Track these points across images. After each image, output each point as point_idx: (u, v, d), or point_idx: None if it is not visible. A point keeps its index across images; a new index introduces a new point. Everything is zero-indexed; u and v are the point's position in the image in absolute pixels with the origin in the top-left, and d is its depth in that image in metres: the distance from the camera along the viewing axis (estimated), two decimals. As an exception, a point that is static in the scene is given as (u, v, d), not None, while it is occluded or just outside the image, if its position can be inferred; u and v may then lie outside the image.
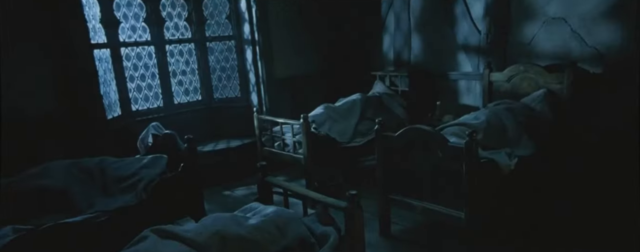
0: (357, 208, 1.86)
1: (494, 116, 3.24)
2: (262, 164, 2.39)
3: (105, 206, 2.63)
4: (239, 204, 4.00)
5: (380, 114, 4.43)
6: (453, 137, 2.96)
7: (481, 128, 3.12)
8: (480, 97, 4.30)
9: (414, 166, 2.86)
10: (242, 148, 4.55)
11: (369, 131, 4.29)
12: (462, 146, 2.52)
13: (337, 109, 4.32)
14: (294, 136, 3.86)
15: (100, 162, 2.91)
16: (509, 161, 2.83)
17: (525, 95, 3.71)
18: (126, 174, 2.88)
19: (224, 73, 4.93)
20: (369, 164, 4.86)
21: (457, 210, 2.65)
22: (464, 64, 4.42)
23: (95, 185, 2.79)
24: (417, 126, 2.85)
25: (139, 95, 4.37)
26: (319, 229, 1.92)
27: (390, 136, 2.96)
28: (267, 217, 1.90)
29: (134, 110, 4.29)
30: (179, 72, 4.68)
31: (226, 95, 4.97)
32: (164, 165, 2.95)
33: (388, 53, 5.11)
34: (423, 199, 2.86)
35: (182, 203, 2.96)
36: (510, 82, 3.88)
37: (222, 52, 4.88)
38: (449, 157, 2.63)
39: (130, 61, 4.24)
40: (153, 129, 3.36)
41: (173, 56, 4.61)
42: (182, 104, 4.70)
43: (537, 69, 3.65)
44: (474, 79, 4.34)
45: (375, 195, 3.12)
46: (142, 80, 4.38)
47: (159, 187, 2.77)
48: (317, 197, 2.03)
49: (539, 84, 3.64)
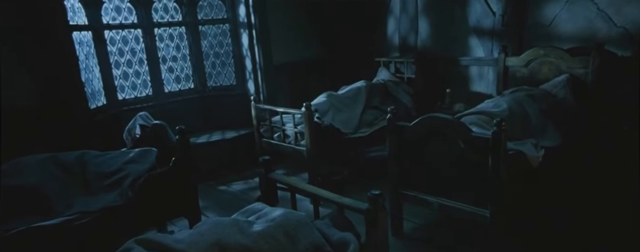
0: (382, 211, 1.57)
1: (516, 104, 2.97)
2: (265, 159, 2.09)
3: (86, 207, 2.32)
4: (237, 200, 3.80)
5: (386, 102, 4.18)
6: (473, 127, 2.68)
7: (503, 117, 2.84)
8: (493, 84, 4.03)
9: (431, 159, 2.60)
10: (238, 140, 4.28)
11: (375, 121, 4.03)
12: (489, 136, 2.25)
13: (340, 98, 4.03)
14: (295, 126, 3.56)
15: (81, 156, 2.59)
16: (536, 153, 2.56)
17: (544, 82, 3.44)
18: (110, 170, 2.57)
19: (218, 59, 4.60)
20: (374, 155, 4.63)
21: (481, 208, 2.39)
22: (476, 49, 4.13)
23: (75, 183, 2.48)
24: (436, 115, 2.58)
25: (125, 83, 4.04)
26: (335, 236, 1.63)
27: (405, 125, 2.68)
28: (274, 222, 1.61)
29: (120, 99, 3.97)
30: (169, 58, 4.34)
31: (220, 83, 4.65)
32: (153, 159, 2.65)
33: (393, 38, 4.81)
34: (441, 195, 2.59)
35: (175, 202, 2.66)
36: (528, 67, 3.60)
37: (215, 37, 4.54)
38: (473, 149, 2.36)
39: (115, 46, 3.89)
40: (141, 120, 3.06)
41: (162, 41, 4.27)
42: (173, 93, 4.39)
43: (559, 53, 3.37)
44: (486, 64, 4.06)
45: (384, 190, 2.82)
46: (128, 67, 4.04)
47: (148, 184, 2.47)
48: (332, 197, 1.74)
49: (560, 69, 3.37)
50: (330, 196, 1.76)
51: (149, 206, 2.51)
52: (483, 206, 2.38)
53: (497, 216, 2.32)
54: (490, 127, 2.84)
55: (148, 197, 2.48)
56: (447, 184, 2.54)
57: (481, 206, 2.39)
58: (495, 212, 2.32)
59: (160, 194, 2.55)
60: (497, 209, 2.32)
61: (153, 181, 2.49)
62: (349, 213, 1.75)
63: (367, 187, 3.52)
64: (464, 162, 2.44)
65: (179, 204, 2.69)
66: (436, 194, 2.62)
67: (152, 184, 2.48)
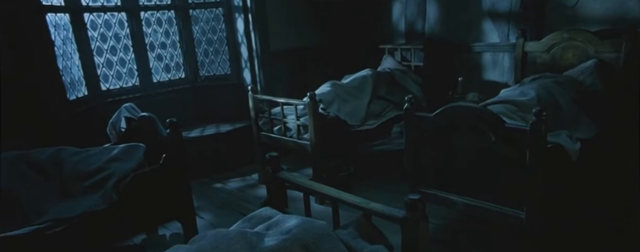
0: (423, 219, 1.28)
1: (545, 91, 2.69)
2: (272, 155, 1.78)
3: (63, 212, 2.00)
4: (234, 198, 3.51)
5: (393, 92, 3.89)
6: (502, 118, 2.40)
7: (532, 105, 2.57)
8: (509, 72, 3.76)
9: (455, 154, 2.32)
10: (233, 133, 3.98)
11: (383, 112, 3.74)
12: (526, 128, 1.97)
13: (345, 87, 3.72)
14: (298, 118, 3.25)
15: (57, 154, 2.26)
16: (573, 145, 2.29)
17: (568, 68, 3.18)
18: (91, 169, 2.25)
19: (211, 46, 4.25)
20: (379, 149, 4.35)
21: (515, 208, 2.11)
22: (490, 34, 3.85)
23: (50, 185, 2.15)
24: (462, 104, 2.32)
25: (109, 71, 3.68)
26: (364, 249, 1.34)
27: (425, 116, 2.39)
28: (290, 234, 1.31)
29: (103, 90, 3.62)
30: (157, 45, 3.98)
31: (214, 73, 4.31)
32: (140, 156, 2.33)
33: (398, 23, 4.50)
34: (466, 194, 2.32)
35: (166, 204, 2.34)
36: (550, 52, 3.33)
37: (208, 22, 4.18)
38: (506, 142, 2.08)
39: (96, 30, 3.52)
40: (126, 112, 2.72)
41: (150, 26, 3.91)
42: (163, 83, 4.04)
43: (586, 36, 3.09)
44: (502, 50, 3.78)
45: (396, 186, 2.56)
46: (112, 54, 3.68)
47: (135, 184, 2.15)
48: (358, 202, 1.45)
49: (588, 54, 3.10)
50: (356, 201, 1.46)
51: (137, 210, 2.19)
52: (517, 206, 2.11)
53: (534, 217, 2.05)
54: (518, 117, 2.59)
55: (135, 199, 2.17)
56: (474, 181, 2.27)
57: (515, 206, 2.12)
58: (533, 213, 2.05)
59: (149, 195, 2.24)
60: (534, 210, 2.05)
61: (141, 180, 2.18)
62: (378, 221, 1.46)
63: (374, 183, 3.21)
64: (494, 157, 2.16)
65: (170, 207, 2.38)
66: (461, 192, 2.34)
67: (140, 185, 2.18)
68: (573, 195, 2.45)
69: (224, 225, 3.04)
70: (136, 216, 2.22)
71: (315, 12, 4.58)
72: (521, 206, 2.09)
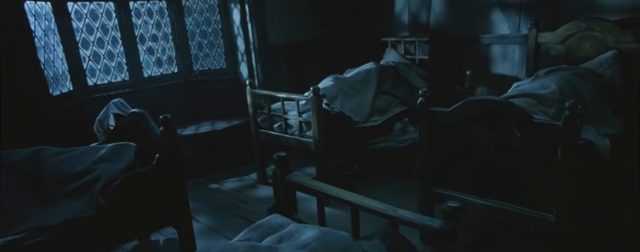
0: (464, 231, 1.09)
1: (567, 84, 2.52)
2: (281, 155, 1.57)
3: (43, 220, 1.78)
4: (231, 200, 3.29)
5: (397, 87, 3.72)
6: (523, 112, 2.23)
7: (554, 99, 2.41)
8: (519, 65, 3.59)
9: (473, 151, 2.14)
10: (230, 131, 3.78)
11: (388, 108, 3.56)
12: (559, 123, 1.79)
13: (349, 81, 3.53)
14: (300, 114, 3.05)
15: (36, 154, 2.03)
16: (603, 142, 2.12)
17: (585, 60, 3.01)
18: (75, 171, 2.03)
19: (206, 39, 4.02)
20: (382, 147, 4.18)
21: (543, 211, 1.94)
22: (500, 25, 3.68)
23: (29, 189, 1.93)
24: (483, 97, 2.13)
25: (96, 65, 3.45)
26: (395, 265, 1.14)
27: (442, 111, 2.20)
28: (309, 248, 1.11)
29: (90, 85, 3.40)
30: (148, 37, 3.75)
31: (208, 67, 4.09)
32: (131, 156, 2.13)
33: (401, 15, 4.32)
34: (486, 195, 2.14)
35: (159, 209, 2.13)
36: (565, 43, 3.16)
37: (202, 13, 3.95)
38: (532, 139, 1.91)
39: (82, 21, 3.28)
40: (115, 108, 2.51)
41: (140, 17, 3.67)
42: (154, 78, 3.82)
43: (605, 25, 2.93)
44: (512, 42, 3.61)
45: (400, 185, 2.37)
46: (100, 47, 3.44)
47: (125, 188, 1.94)
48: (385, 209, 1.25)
49: (607, 44, 2.93)
50: (382, 207, 1.27)
51: (127, 216, 1.98)
52: (545, 208, 1.94)
53: (565, 221, 1.88)
54: (539, 112, 2.42)
55: (125, 204, 1.96)
56: (495, 181, 2.09)
57: (542, 208, 1.95)
58: (564, 216, 1.88)
59: (141, 200, 2.03)
60: (566, 213, 1.87)
61: (131, 183, 1.97)
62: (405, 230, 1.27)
63: (377, 182, 3.00)
64: (518, 154, 1.98)
65: (165, 212, 2.17)
66: (480, 193, 2.16)
67: (131, 188, 1.97)
68: (604, 195, 2.28)
69: (222, 229, 2.87)
70: (126, 223, 2.01)
71: (315, 3, 4.37)
72: (550, 209, 1.92)
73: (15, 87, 2.50)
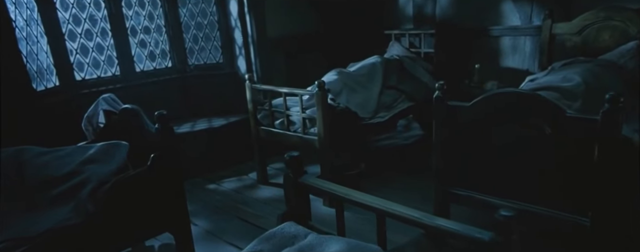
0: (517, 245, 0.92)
1: (591, 76, 2.37)
2: (293, 155, 1.39)
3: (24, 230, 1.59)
4: (230, 201, 3.11)
5: (403, 81, 3.57)
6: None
7: (578, 92, 2.27)
8: (531, 57, 3.46)
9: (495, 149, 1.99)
10: (227, 128, 3.60)
11: (394, 103, 3.39)
12: (597, 118, 1.64)
13: (353, 76, 3.36)
14: (303, 110, 2.87)
15: (17, 155, 1.83)
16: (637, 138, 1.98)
17: (604, 51, 2.86)
18: (61, 174, 1.84)
19: (201, 31, 3.82)
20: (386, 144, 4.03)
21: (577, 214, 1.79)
22: (510, 16, 3.53)
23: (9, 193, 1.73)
24: (510, 90, 1.98)
25: (84, 59, 3.24)
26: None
27: (461, 106, 2.05)
28: (338, 266, 0.92)
29: (78, 80, 3.20)
30: (140, 30, 3.54)
31: (204, 61, 3.89)
32: (123, 156, 1.95)
33: (406, 7, 4.16)
34: (510, 196, 1.98)
35: (155, 214, 1.94)
36: (582, 34, 3.01)
37: (197, 4, 3.75)
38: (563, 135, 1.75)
39: (68, 11, 3.06)
40: (105, 104, 2.32)
41: (131, 7, 3.46)
42: (147, 73, 3.62)
43: (627, 14, 2.78)
44: (523, 34, 3.47)
45: (407, 184, 2.24)
46: (88, 39, 3.23)
47: (117, 191, 1.76)
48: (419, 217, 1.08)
49: (628, 35, 2.79)
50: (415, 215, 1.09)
51: (119, 223, 1.79)
52: (579, 212, 1.78)
53: (602, 225, 1.73)
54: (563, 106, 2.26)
55: (117, 210, 1.78)
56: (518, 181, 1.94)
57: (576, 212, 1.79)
58: (600, 219, 1.72)
59: (134, 204, 1.84)
60: (603, 216, 1.72)
61: (124, 186, 1.79)
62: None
63: (383, 181, 2.81)
64: (548, 152, 1.83)
65: (160, 217, 1.98)
66: (501, 194, 2.01)
67: (123, 192, 1.78)
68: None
69: (222, 233, 2.68)
70: (118, 231, 1.82)
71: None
72: (583, 211, 1.77)
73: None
